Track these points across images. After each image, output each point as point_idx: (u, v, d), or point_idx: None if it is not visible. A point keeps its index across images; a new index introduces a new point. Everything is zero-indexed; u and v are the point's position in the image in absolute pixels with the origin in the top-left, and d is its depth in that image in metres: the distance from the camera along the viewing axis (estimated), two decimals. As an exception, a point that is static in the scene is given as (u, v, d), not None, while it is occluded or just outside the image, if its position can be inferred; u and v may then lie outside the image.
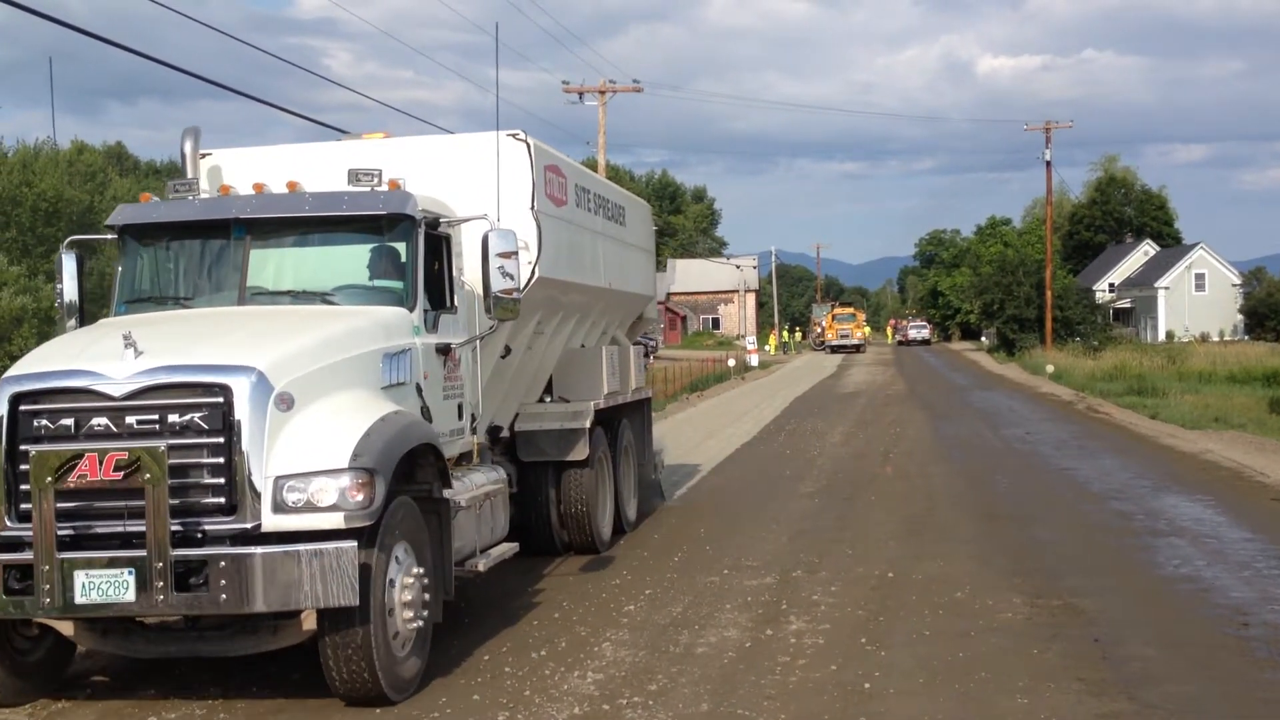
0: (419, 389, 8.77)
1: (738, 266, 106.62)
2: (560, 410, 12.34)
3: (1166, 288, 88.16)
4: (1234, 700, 7.59)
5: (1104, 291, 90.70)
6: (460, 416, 9.60)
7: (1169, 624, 9.42)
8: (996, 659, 8.48)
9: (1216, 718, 7.31)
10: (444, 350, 9.17)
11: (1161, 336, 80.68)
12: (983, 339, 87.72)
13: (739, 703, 7.66)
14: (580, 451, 12.09)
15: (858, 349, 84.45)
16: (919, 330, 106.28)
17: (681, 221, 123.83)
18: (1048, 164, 61.48)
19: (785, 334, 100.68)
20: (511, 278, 9.03)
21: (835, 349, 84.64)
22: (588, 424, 12.14)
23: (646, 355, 64.16)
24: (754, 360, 61.25)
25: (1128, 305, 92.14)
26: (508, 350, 10.97)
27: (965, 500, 16.08)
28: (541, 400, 12.66)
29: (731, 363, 54.62)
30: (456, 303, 9.50)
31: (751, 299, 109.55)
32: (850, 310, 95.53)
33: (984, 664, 8.35)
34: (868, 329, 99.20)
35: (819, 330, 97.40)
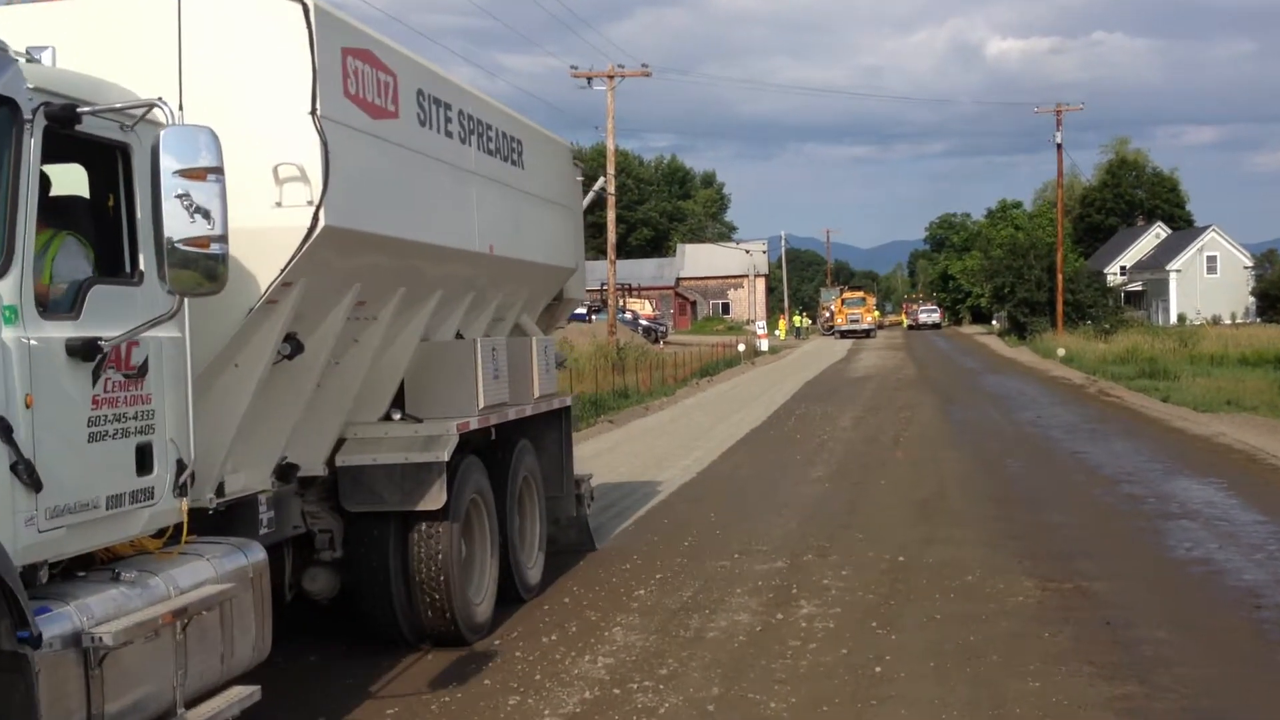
0: (5, 429, 4.79)
1: (747, 251, 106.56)
2: (405, 436, 8.32)
3: (1178, 270, 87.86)
4: (1246, 683, 7.57)
5: (1115, 274, 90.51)
6: (147, 467, 5.63)
7: (1181, 607, 9.40)
8: (1007, 642, 8.46)
9: (1229, 700, 7.29)
10: (86, 350, 5.17)
11: (1173, 319, 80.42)
12: (993, 323, 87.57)
13: (750, 686, 7.66)
14: (434, 497, 8.15)
15: (868, 334, 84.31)
16: (929, 314, 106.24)
17: (691, 206, 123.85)
18: (1058, 146, 61.30)
19: (797, 318, 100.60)
20: (207, 216, 5.12)
21: (845, 334, 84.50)
22: (445, 455, 8.16)
23: (656, 340, 62.87)
24: (764, 345, 61.31)
25: (1139, 288, 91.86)
26: (295, 345, 7.03)
27: (976, 484, 16.05)
28: (388, 418, 8.57)
29: (741, 348, 54.67)
30: (144, 266, 5.62)
31: (761, 284, 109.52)
32: (860, 294, 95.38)
33: (995, 647, 8.34)
34: (877, 313, 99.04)
35: (828, 315, 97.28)
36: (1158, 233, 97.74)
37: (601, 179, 45.38)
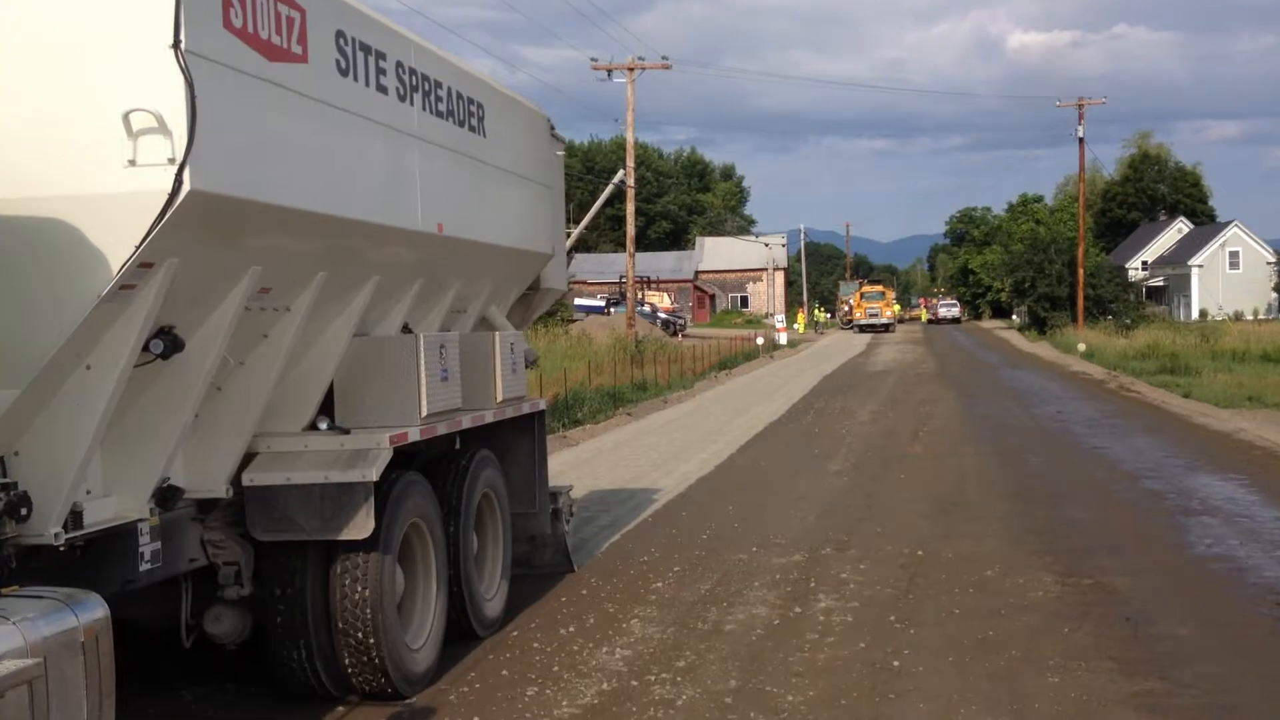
0: None
1: (766, 245, 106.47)
2: (327, 450, 6.96)
3: (1200, 266, 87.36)
4: (1267, 680, 7.53)
5: (1137, 269, 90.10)
6: None
7: (1201, 603, 9.36)
8: (1027, 638, 8.44)
9: (1249, 697, 7.25)
10: None
11: (1195, 315, 79.96)
12: (1014, 317, 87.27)
13: (767, 680, 7.66)
14: (360, 525, 6.78)
15: (887, 328, 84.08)
16: (949, 308, 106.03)
17: (710, 199, 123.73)
18: (1080, 140, 60.89)
19: (816, 312, 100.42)
20: None
21: (864, 328, 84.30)
22: (374, 474, 6.79)
23: (674, 334, 62.82)
24: (783, 339, 61.24)
25: (1161, 283, 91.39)
26: (171, 342, 5.62)
27: (995, 479, 16.00)
28: (314, 428, 7.28)
29: (760, 341, 54.65)
30: None
31: (780, 277, 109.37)
32: (879, 288, 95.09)
33: (1014, 643, 8.31)
34: (897, 307, 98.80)
35: (847, 309, 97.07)
36: (1180, 228, 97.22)
37: (621, 171, 45.49)
